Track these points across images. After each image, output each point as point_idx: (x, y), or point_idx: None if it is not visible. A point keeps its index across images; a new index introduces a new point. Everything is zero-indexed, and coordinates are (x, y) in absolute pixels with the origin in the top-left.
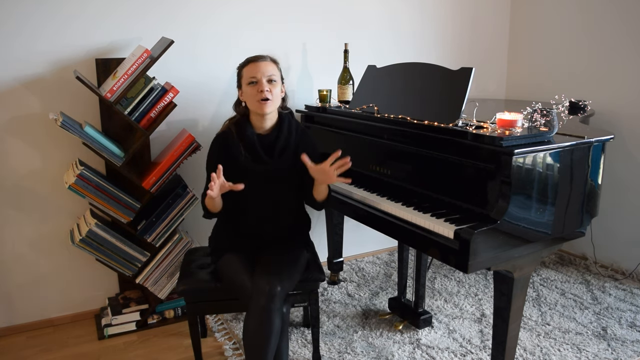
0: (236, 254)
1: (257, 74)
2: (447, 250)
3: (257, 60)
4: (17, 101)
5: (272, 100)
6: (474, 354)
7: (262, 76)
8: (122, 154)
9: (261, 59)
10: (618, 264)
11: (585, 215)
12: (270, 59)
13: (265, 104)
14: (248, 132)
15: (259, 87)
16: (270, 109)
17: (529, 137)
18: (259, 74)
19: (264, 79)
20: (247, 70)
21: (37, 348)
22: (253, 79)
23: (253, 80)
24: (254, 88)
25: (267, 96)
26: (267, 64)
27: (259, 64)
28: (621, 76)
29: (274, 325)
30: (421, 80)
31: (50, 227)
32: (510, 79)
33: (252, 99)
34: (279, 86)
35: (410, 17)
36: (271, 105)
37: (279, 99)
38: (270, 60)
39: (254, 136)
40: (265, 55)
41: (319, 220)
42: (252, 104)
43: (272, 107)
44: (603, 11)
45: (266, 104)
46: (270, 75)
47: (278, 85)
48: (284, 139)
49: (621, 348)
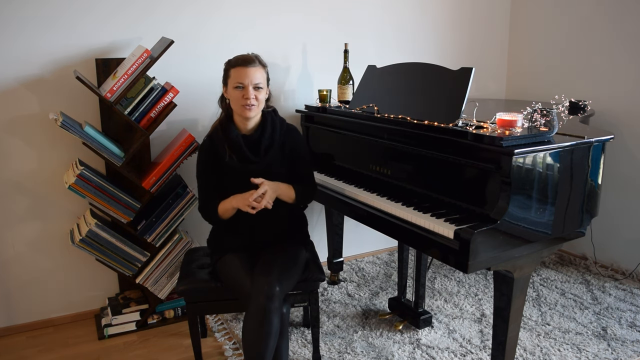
0: (235, 254)
1: (245, 80)
2: (447, 250)
3: (246, 65)
4: (17, 101)
5: (256, 106)
6: (474, 354)
7: (250, 83)
8: (122, 154)
9: (250, 63)
10: (618, 264)
11: (585, 215)
12: (259, 61)
13: (250, 109)
14: (233, 134)
15: (245, 93)
16: (254, 113)
17: (529, 137)
18: (246, 81)
19: (250, 86)
20: (235, 73)
21: (37, 348)
22: (239, 84)
23: (240, 85)
24: (240, 93)
25: (253, 102)
26: (255, 70)
27: (247, 70)
28: (621, 76)
29: (272, 325)
30: (421, 80)
31: (50, 227)
32: (510, 79)
33: (236, 102)
34: (264, 91)
35: (410, 17)
36: (255, 110)
37: (263, 103)
38: (258, 65)
39: (238, 137)
40: (254, 59)
41: (319, 220)
42: (237, 107)
43: (256, 111)
44: (603, 11)
45: (251, 109)
46: (257, 82)
47: (264, 90)
48: (269, 137)
49: (621, 348)
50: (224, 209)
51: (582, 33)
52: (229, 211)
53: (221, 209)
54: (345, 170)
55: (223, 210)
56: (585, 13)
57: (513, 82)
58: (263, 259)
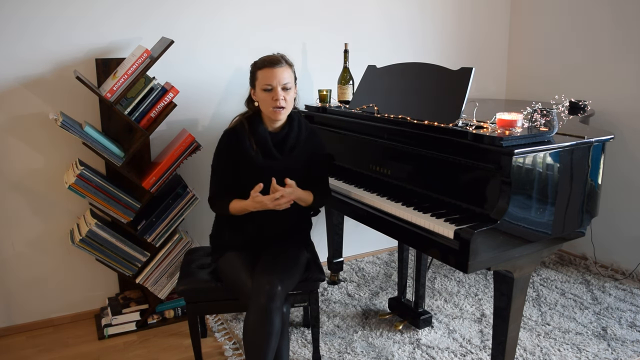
0: (237, 252)
1: (273, 82)
2: (447, 250)
3: (274, 66)
4: (17, 101)
5: (286, 108)
6: (474, 354)
7: (278, 84)
8: (122, 154)
9: (277, 64)
10: (618, 264)
11: (585, 215)
12: (286, 61)
13: (280, 111)
14: (260, 129)
15: (275, 95)
16: (284, 115)
17: (529, 137)
18: (274, 82)
19: (279, 87)
20: (263, 74)
21: (37, 348)
22: (268, 86)
23: (268, 87)
24: (269, 95)
25: (282, 104)
26: (283, 71)
27: (275, 70)
28: (621, 76)
29: (274, 325)
30: (421, 80)
31: (50, 227)
32: (510, 79)
33: (266, 105)
34: (293, 91)
35: (410, 17)
36: (285, 113)
37: (292, 104)
38: (286, 65)
39: (265, 132)
40: (281, 59)
41: (319, 220)
42: (266, 110)
43: (286, 113)
44: (603, 11)
45: (281, 111)
46: (286, 83)
47: (292, 90)
48: (294, 137)
49: (621, 348)
50: (238, 208)
51: (582, 33)
52: (241, 211)
53: (234, 208)
54: (345, 170)
55: (237, 209)
56: (585, 13)
57: (513, 82)
58: (264, 259)
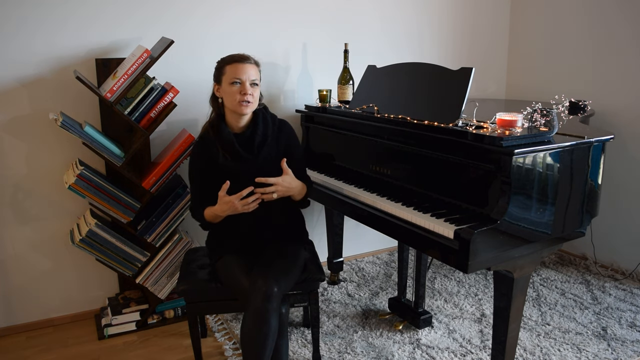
0: (234, 254)
1: (243, 76)
2: (447, 250)
3: (243, 62)
4: (17, 101)
5: (252, 103)
6: (474, 354)
7: (247, 79)
8: (122, 154)
9: (246, 60)
10: (618, 264)
11: (585, 215)
12: (254, 61)
13: (247, 106)
14: (224, 132)
15: (243, 89)
16: (250, 110)
17: (529, 137)
18: (244, 76)
19: (247, 82)
20: (231, 69)
21: (37, 348)
22: (237, 80)
23: (237, 81)
24: (237, 88)
25: (249, 99)
26: (251, 67)
27: (244, 65)
28: (621, 76)
29: (270, 326)
30: (421, 80)
31: (50, 227)
32: (510, 79)
33: (232, 99)
34: (259, 89)
35: (410, 17)
36: (251, 107)
37: (258, 101)
38: (253, 62)
39: (230, 135)
40: (250, 57)
41: (319, 220)
42: (232, 104)
43: (252, 108)
44: (603, 11)
45: (247, 106)
46: (254, 79)
47: (259, 88)
48: (261, 134)
49: (621, 348)
50: (210, 215)
51: (582, 33)
52: (214, 218)
53: (208, 215)
54: (345, 170)
55: (210, 216)
56: (584, 13)
57: (513, 82)
58: (261, 259)
